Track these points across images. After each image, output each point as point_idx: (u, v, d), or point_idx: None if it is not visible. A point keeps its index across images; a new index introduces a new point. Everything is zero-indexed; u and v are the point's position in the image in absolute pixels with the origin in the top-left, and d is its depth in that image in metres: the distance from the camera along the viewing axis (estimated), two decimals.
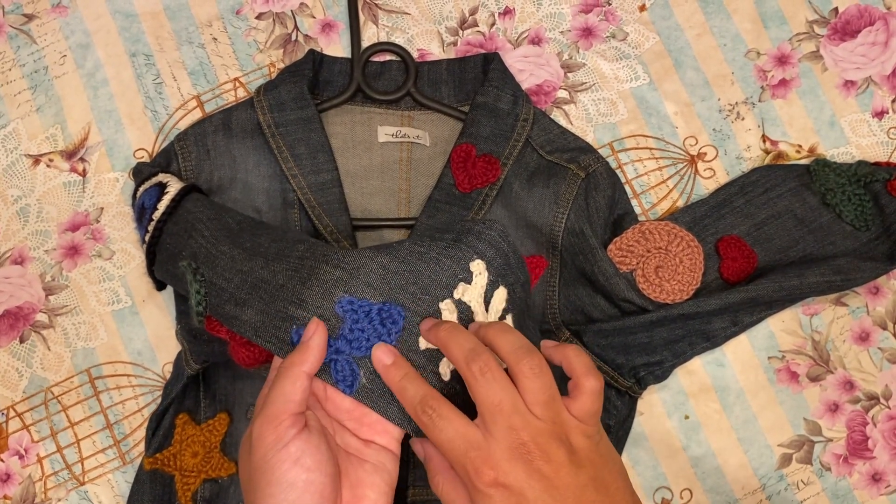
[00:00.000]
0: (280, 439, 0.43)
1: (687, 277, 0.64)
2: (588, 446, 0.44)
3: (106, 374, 0.65)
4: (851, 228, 0.66)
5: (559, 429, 0.43)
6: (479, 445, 0.42)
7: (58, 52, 0.69)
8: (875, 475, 0.65)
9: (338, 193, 0.64)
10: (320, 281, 0.48)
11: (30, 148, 0.68)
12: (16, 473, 0.64)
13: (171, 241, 0.57)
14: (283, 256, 0.51)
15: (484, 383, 0.43)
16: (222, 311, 0.51)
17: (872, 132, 0.69)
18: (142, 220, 0.61)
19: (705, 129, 0.69)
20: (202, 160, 0.65)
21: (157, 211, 0.59)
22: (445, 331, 0.45)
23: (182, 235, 0.56)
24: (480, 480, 0.42)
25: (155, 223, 0.58)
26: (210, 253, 0.53)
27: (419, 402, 0.44)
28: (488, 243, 0.50)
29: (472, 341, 0.45)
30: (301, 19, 0.70)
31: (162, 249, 0.58)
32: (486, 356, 0.44)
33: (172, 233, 0.57)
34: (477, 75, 0.68)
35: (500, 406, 0.43)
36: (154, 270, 0.60)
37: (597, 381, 0.45)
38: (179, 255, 0.55)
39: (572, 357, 0.46)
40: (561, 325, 0.64)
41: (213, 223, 0.56)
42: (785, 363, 0.67)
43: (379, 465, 0.46)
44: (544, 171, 0.65)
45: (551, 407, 0.43)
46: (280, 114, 0.64)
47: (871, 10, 0.70)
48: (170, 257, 0.57)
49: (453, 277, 0.48)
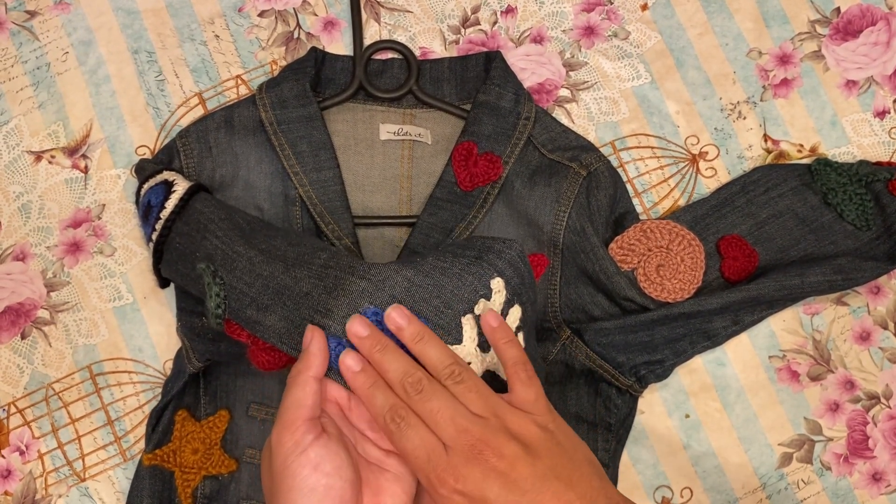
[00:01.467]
0: (298, 444, 0.44)
1: (688, 276, 0.64)
2: (542, 436, 0.44)
3: (107, 371, 0.65)
4: (852, 228, 0.66)
5: (505, 423, 0.44)
6: (439, 454, 0.43)
7: (60, 48, 0.69)
8: (875, 475, 0.65)
9: (339, 191, 0.64)
10: (346, 291, 0.49)
11: (32, 144, 0.68)
12: (17, 470, 0.64)
13: (181, 240, 0.57)
14: (304, 263, 0.51)
15: (421, 399, 0.44)
16: (243, 315, 0.52)
17: (874, 132, 0.69)
18: (148, 217, 0.60)
19: (707, 128, 0.69)
20: (204, 157, 0.65)
21: (166, 209, 0.58)
22: (378, 352, 0.46)
23: (194, 236, 0.56)
24: (443, 488, 0.42)
25: (163, 222, 0.58)
26: (227, 255, 0.54)
27: (388, 411, 0.45)
28: (508, 262, 0.51)
29: (404, 363, 0.46)
30: (303, 17, 0.70)
31: (171, 248, 0.58)
32: (420, 373, 0.45)
33: (183, 232, 0.57)
34: (479, 74, 0.68)
35: (440, 412, 0.43)
36: (161, 269, 0.60)
37: (524, 370, 0.46)
38: (193, 256, 0.55)
39: (502, 351, 0.47)
40: (562, 324, 0.64)
41: (224, 223, 0.56)
42: (786, 362, 0.67)
43: (400, 475, 0.47)
44: (546, 170, 0.65)
45: (489, 402, 0.44)
46: (282, 111, 0.64)
47: (874, 10, 0.70)
48: (181, 257, 0.57)
49: (474, 293, 0.49)
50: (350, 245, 0.62)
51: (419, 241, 0.63)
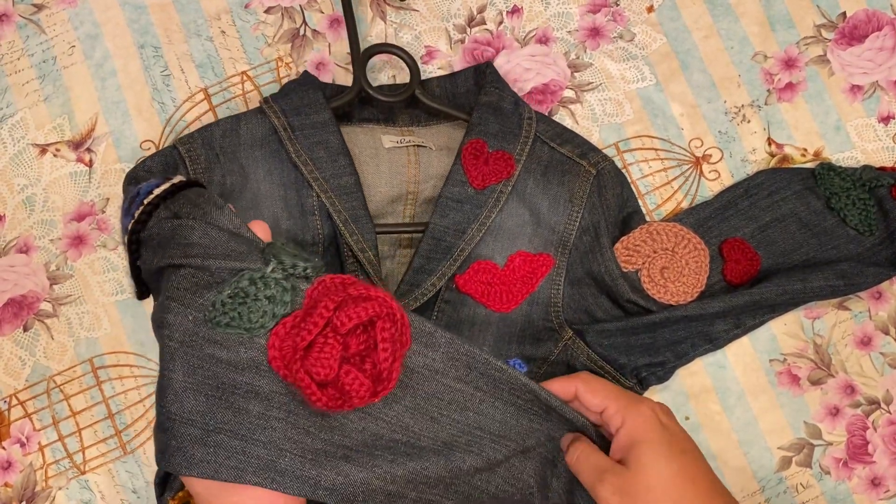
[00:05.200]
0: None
1: (692, 280, 0.64)
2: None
3: (108, 364, 0.65)
4: (855, 233, 0.66)
5: None
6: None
7: (66, 42, 0.69)
8: (874, 480, 0.66)
9: (361, 198, 0.62)
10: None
11: (37, 137, 0.68)
12: (17, 461, 0.64)
13: (160, 231, 0.48)
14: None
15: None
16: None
17: (878, 137, 0.69)
18: (130, 207, 0.50)
19: (711, 131, 0.69)
20: (212, 163, 0.62)
21: (152, 195, 0.49)
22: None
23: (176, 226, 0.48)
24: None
25: (143, 207, 0.49)
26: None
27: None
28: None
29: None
30: (309, 14, 0.70)
31: (149, 241, 0.49)
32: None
33: (164, 219, 0.48)
34: (469, 88, 0.68)
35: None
36: (140, 269, 0.51)
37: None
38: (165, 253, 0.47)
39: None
40: (564, 324, 0.64)
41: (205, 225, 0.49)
42: (786, 366, 0.67)
43: None
44: (558, 167, 0.65)
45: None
46: (296, 118, 0.62)
47: (879, 16, 0.70)
48: (156, 252, 0.48)
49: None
50: (372, 258, 0.60)
51: (431, 245, 0.62)
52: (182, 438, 0.44)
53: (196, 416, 0.44)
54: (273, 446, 0.45)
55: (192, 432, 0.44)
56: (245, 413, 0.45)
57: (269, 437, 0.45)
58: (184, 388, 0.44)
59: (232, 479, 0.44)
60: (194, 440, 0.44)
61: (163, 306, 0.46)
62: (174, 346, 0.45)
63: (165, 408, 0.44)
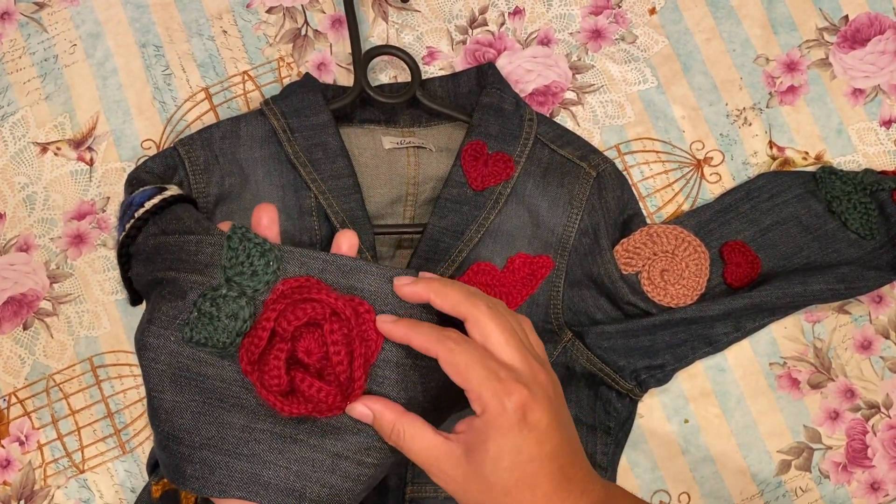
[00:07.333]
0: None
1: (692, 283, 0.64)
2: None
3: (108, 363, 0.65)
4: (856, 237, 0.66)
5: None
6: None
7: (68, 41, 0.69)
8: (874, 484, 0.65)
9: (359, 199, 0.62)
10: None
11: (38, 136, 0.68)
12: (16, 460, 0.64)
13: (149, 245, 0.49)
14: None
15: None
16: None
17: (879, 141, 0.69)
18: (124, 217, 0.52)
19: (712, 133, 0.69)
20: (211, 164, 0.63)
21: (143, 208, 0.50)
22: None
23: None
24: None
25: (134, 221, 0.50)
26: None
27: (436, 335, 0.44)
28: None
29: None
30: (311, 14, 0.70)
31: (139, 254, 0.50)
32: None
33: (153, 234, 0.50)
34: (471, 88, 0.68)
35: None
36: (132, 280, 0.52)
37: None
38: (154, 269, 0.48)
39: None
40: (563, 326, 0.64)
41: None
42: (786, 370, 0.67)
43: None
44: (558, 169, 0.65)
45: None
46: (295, 119, 0.63)
47: (882, 19, 0.70)
48: (146, 266, 0.49)
49: None
50: (369, 259, 0.61)
51: (429, 246, 0.62)
52: (175, 456, 0.45)
53: (184, 433, 0.45)
54: (257, 459, 0.45)
55: (182, 450, 0.45)
56: (229, 427, 0.45)
57: (253, 449, 0.45)
58: (173, 408, 0.45)
59: (217, 494, 0.45)
60: (183, 458, 0.45)
61: (143, 329, 0.46)
62: (161, 369, 0.45)
63: (159, 427, 0.45)
